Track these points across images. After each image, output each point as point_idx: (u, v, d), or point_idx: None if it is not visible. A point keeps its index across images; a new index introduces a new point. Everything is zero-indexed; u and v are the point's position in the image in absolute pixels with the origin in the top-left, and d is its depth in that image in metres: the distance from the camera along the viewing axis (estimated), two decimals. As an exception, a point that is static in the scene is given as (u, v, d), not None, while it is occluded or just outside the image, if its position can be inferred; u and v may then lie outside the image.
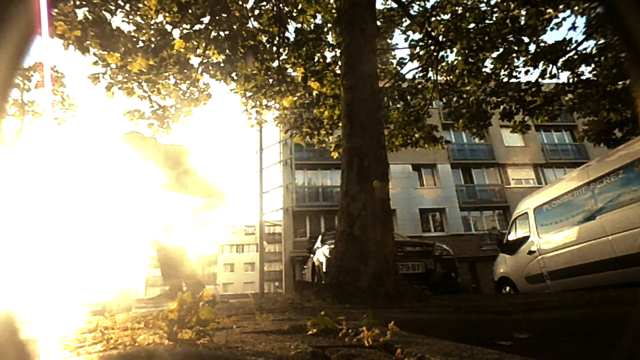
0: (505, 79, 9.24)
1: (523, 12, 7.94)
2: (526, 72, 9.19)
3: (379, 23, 8.07)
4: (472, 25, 8.50)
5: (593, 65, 8.87)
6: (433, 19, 8.88)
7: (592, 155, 17.62)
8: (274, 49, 8.48)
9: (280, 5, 8.18)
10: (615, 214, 5.16)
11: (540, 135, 25.31)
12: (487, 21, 8.48)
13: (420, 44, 9.55)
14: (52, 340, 1.22)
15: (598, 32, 8.35)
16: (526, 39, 8.53)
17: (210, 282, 42.38)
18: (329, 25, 8.86)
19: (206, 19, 7.53)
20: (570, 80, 9.14)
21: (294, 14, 8.37)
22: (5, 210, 0.65)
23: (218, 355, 1.05)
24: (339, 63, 7.00)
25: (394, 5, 9.32)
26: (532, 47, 8.72)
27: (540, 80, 9.05)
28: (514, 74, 9.14)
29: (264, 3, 8.19)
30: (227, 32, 7.66)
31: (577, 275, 5.76)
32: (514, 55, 8.83)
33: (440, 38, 8.99)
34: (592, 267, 5.46)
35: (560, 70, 8.91)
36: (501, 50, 8.76)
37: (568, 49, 8.62)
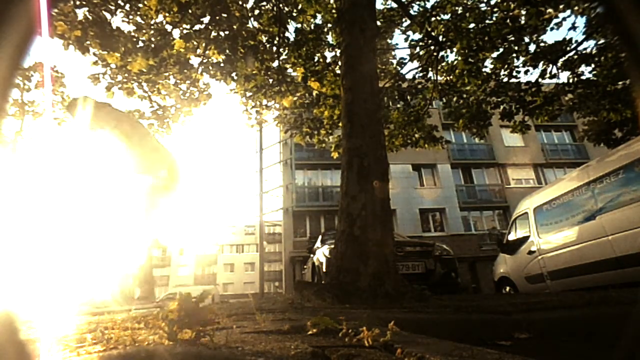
0: (505, 79, 9.23)
1: (523, 12, 7.94)
2: (526, 72, 9.19)
3: (379, 23, 8.07)
4: (472, 25, 8.50)
5: (593, 65, 8.86)
6: (433, 19, 8.88)
7: (592, 155, 17.61)
8: (274, 49, 8.48)
9: (280, 5, 8.17)
10: (615, 214, 5.16)
11: (540, 135, 25.30)
12: (487, 21, 8.48)
13: (420, 44, 9.55)
14: (52, 340, 1.22)
15: (598, 32, 8.34)
16: (526, 39, 8.54)
17: (210, 282, 42.36)
18: (329, 25, 8.86)
19: (206, 19, 7.53)
20: (570, 80, 9.13)
21: (294, 14, 8.37)
22: (5, 211, 0.65)
23: (218, 355, 1.05)
24: (339, 63, 7.00)
25: (394, 5, 9.31)
26: (532, 47, 8.74)
27: (540, 80, 9.04)
28: (514, 74, 9.14)
29: (264, 3, 8.19)
30: (227, 32, 7.66)
31: (577, 275, 5.75)
32: (514, 55, 8.82)
33: (440, 38, 8.99)
34: (592, 267, 5.45)
35: (560, 70, 8.90)
36: (501, 50, 8.76)
37: (568, 49, 8.62)
